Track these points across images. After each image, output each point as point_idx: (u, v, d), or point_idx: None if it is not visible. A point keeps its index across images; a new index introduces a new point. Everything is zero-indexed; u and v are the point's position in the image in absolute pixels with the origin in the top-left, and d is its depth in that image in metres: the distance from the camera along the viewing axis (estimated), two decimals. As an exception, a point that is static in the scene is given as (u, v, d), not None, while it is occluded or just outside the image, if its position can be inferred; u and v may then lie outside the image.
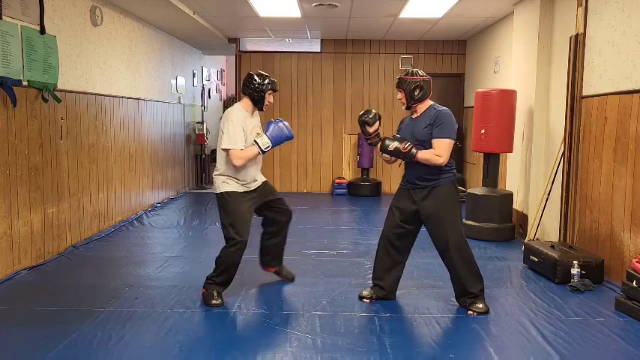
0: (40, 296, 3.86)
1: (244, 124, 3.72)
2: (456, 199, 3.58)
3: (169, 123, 8.21)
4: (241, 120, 3.72)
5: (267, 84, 3.78)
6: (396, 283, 3.82)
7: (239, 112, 3.76)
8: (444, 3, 6.19)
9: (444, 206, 3.52)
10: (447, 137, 3.49)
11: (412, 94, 3.58)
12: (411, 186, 3.62)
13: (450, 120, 3.53)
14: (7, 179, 4.15)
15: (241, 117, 3.74)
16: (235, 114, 3.73)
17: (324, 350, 2.99)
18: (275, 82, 3.88)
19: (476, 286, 3.58)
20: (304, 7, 6.48)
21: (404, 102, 3.65)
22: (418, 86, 3.57)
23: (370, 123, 3.73)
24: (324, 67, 9.11)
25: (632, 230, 3.94)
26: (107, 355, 2.91)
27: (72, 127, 5.15)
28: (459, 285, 3.61)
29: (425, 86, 3.58)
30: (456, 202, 3.58)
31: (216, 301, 3.66)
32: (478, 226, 5.70)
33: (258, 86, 3.77)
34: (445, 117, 3.51)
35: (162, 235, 5.85)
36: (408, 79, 3.59)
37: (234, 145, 3.64)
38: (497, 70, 7.29)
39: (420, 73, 3.62)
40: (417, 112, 3.65)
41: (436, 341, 3.14)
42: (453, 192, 3.57)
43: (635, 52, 3.98)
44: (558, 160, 5.05)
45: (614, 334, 3.25)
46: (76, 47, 5.24)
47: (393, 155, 3.58)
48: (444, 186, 3.53)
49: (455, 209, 3.57)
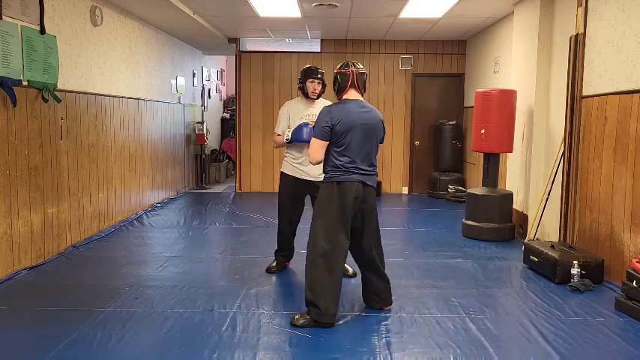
0: (40, 296, 3.86)
1: (292, 113, 4.27)
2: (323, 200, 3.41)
3: (169, 123, 8.21)
4: (288, 109, 4.31)
5: (302, 75, 4.25)
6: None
7: (290, 103, 4.36)
8: (444, 3, 6.18)
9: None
10: (313, 136, 3.40)
11: (333, 88, 3.51)
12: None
13: (318, 118, 3.38)
14: (7, 179, 4.15)
15: (290, 106, 4.32)
16: (286, 104, 4.38)
17: (324, 350, 2.99)
18: (311, 69, 4.25)
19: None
20: (304, 7, 6.48)
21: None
22: (334, 79, 3.46)
23: None
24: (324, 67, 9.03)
25: (632, 230, 3.94)
26: (107, 355, 2.91)
27: (72, 127, 5.15)
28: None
29: (340, 79, 3.43)
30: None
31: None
32: (478, 226, 5.70)
33: (299, 78, 4.28)
34: (318, 116, 3.39)
35: (162, 235, 5.85)
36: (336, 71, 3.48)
37: (275, 130, 4.36)
38: (497, 70, 7.29)
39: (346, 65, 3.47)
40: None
41: (436, 341, 3.14)
42: (324, 193, 3.40)
43: (635, 52, 3.98)
44: (558, 160, 5.05)
45: (614, 334, 3.25)
46: (76, 47, 5.24)
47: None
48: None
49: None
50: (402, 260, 4.88)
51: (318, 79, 4.22)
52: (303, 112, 4.24)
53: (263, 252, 5.02)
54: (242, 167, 9.20)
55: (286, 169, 4.33)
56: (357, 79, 3.42)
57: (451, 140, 8.61)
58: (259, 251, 5.05)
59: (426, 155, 9.18)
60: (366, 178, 3.39)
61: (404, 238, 5.85)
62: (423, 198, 8.75)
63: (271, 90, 9.08)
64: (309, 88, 4.22)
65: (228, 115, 11.97)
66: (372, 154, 3.43)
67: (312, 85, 4.21)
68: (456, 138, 8.61)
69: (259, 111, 9.05)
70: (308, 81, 4.21)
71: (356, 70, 3.42)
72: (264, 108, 9.08)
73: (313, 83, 4.21)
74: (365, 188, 3.40)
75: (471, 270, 4.59)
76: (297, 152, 4.25)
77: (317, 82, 4.22)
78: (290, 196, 4.33)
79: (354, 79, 3.41)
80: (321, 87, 4.26)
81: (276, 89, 9.09)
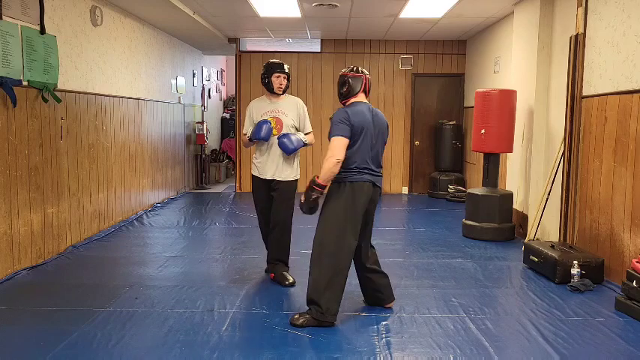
0: (40, 296, 3.86)
1: (253, 111, 4.19)
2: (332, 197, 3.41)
3: (169, 123, 8.21)
4: (250, 107, 4.23)
5: (266, 70, 4.11)
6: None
7: (254, 101, 4.27)
8: (444, 3, 6.18)
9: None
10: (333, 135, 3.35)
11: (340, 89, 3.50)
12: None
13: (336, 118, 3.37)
14: (7, 179, 4.15)
15: (253, 104, 4.23)
16: (251, 103, 4.29)
17: (324, 350, 2.99)
18: (276, 63, 4.11)
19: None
20: (304, 7, 6.48)
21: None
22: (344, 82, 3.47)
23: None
24: (324, 67, 9.11)
25: (632, 230, 3.94)
26: (107, 355, 2.91)
27: (72, 127, 5.15)
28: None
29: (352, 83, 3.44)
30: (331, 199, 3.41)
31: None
32: (478, 226, 5.70)
33: (262, 74, 4.15)
34: (335, 116, 3.39)
35: (162, 235, 5.85)
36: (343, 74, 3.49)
37: (243, 129, 4.29)
38: (497, 70, 7.29)
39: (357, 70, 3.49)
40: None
41: (436, 341, 3.14)
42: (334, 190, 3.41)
43: (635, 52, 3.98)
44: (558, 160, 5.05)
45: (614, 334, 3.25)
46: (76, 47, 5.24)
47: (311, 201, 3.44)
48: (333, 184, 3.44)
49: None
50: (402, 260, 4.89)
51: (285, 74, 4.10)
52: (265, 109, 4.13)
53: (263, 252, 5.00)
54: (242, 167, 9.20)
55: (253, 170, 4.27)
56: (369, 85, 3.52)
57: (451, 140, 8.61)
58: (259, 251, 5.04)
59: (426, 155, 9.18)
60: (376, 179, 3.46)
61: (404, 238, 5.86)
62: (423, 198, 8.75)
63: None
64: (274, 83, 4.08)
65: (228, 115, 11.97)
66: (380, 155, 3.52)
67: (277, 80, 4.07)
68: (456, 138, 8.61)
69: (259, 111, 9.05)
70: (273, 76, 4.07)
71: (367, 76, 3.51)
72: (264, 108, 9.07)
73: (279, 78, 4.07)
74: (374, 188, 3.46)
75: (471, 270, 4.59)
76: (259, 152, 4.18)
77: (283, 76, 4.08)
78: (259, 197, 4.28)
79: (366, 84, 3.48)
80: (286, 82, 4.12)
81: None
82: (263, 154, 4.14)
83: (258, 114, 4.14)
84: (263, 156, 4.14)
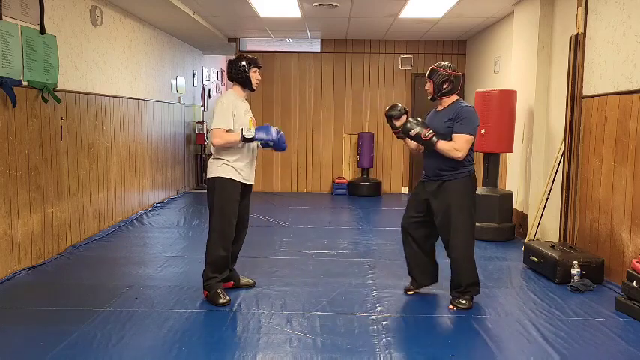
0: (40, 296, 3.86)
1: (235, 107, 3.71)
2: (467, 195, 3.60)
3: (169, 123, 8.21)
4: (231, 102, 3.71)
5: (245, 64, 3.74)
6: (426, 272, 3.92)
7: (230, 96, 3.76)
8: (444, 3, 6.18)
9: (453, 203, 3.57)
10: (467, 133, 3.53)
11: (440, 87, 3.63)
12: (426, 178, 3.73)
13: (472, 116, 3.56)
14: (7, 179, 4.15)
15: (231, 100, 3.73)
16: (226, 97, 3.75)
17: (324, 350, 2.99)
18: (254, 58, 3.83)
19: (467, 282, 3.63)
20: (304, 7, 6.48)
21: (431, 92, 3.71)
22: (447, 79, 3.61)
23: (396, 117, 3.77)
24: (324, 67, 9.11)
25: (632, 230, 3.94)
26: (107, 355, 2.91)
27: (72, 127, 5.15)
28: (453, 278, 3.71)
29: (454, 81, 3.62)
30: (466, 198, 3.60)
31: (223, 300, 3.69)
32: (478, 226, 5.68)
33: (239, 68, 3.74)
34: (468, 113, 3.56)
35: (162, 235, 5.85)
36: (440, 70, 3.62)
37: (217, 125, 3.65)
38: (497, 70, 7.29)
39: (451, 67, 3.65)
40: (442, 105, 3.72)
41: (436, 341, 3.14)
42: (465, 188, 3.60)
43: (635, 52, 3.98)
44: (558, 160, 5.05)
45: (614, 334, 3.25)
46: (76, 47, 5.24)
47: (414, 140, 3.65)
48: (456, 181, 3.58)
49: (463, 207, 3.58)
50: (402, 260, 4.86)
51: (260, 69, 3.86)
52: (243, 108, 3.77)
53: (263, 252, 5.02)
54: (242, 167, 9.19)
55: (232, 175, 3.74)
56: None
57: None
58: (259, 251, 5.04)
59: (426, 155, 9.16)
60: None
61: (404, 238, 5.85)
62: (423, 198, 8.73)
63: (271, 90, 9.08)
64: (253, 78, 3.77)
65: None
66: None
67: (255, 75, 3.78)
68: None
69: (259, 111, 9.04)
70: (252, 70, 3.76)
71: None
72: (263, 108, 9.08)
73: (256, 73, 3.79)
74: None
75: (471, 270, 4.59)
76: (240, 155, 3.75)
77: (259, 71, 3.83)
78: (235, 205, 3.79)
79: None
80: None
81: (276, 89, 9.09)
82: (246, 158, 3.79)
83: (240, 113, 3.74)
84: (246, 159, 3.79)
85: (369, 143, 8.66)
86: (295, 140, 9.09)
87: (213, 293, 3.70)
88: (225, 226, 3.74)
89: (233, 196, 3.73)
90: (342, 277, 4.33)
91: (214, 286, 3.72)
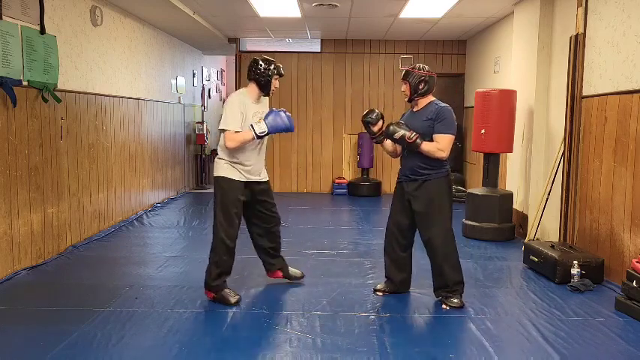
0: (40, 296, 3.86)
1: (244, 109, 3.66)
2: (446, 194, 3.66)
3: (169, 123, 8.21)
4: (241, 103, 3.66)
5: (272, 69, 3.70)
6: (405, 278, 3.92)
7: (241, 96, 3.72)
8: (444, 3, 6.18)
9: (433, 202, 3.62)
10: (449, 133, 3.60)
11: (416, 88, 3.66)
12: (405, 178, 3.74)
13: (452, 116, 3.65)
14: (7, 179, 4.15)
15: (242, 101, 3.68)
16: (236, 97, 3.71)
17: (324, 350, 2.99)
18: (280, 66, 3.81)
19: (453, 280, 3.65)
20: (304, 7, 6.48)
21: (407, 94, 3.72)
22: (423, 80, 3.65)
23: (373, 122, 3.79)
24: (324, 67, 9.11)
25: (632, 230, 3.94)
26: (107, 355, 2.91)
27: (72, 127, 5.15)
28: (437, 278, 3.72)
29: (429, 81, 3.66)
30: (445, 197, 3.65)
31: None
32: (478, 226, 5.70)
33: (264, 71, 3.69)
34: (448, 113, 3.63)
35: (162, 235, 5.85)
36: (415, 72, 3.66)
37: (228, 126, 3.60)
38: (497, 70, 7.29)
39: (426, 68, 3.70)
40: (419, 105, 3.74)
41: (436, 341, 3.14)
42: (444, 187, 3.66)
43: (635, 52, 3.98)
44: (558, 160, 5.05)
45: (614, 334, 3.25)
46: (76, 47, 5.24)
47: (398, 142, 3.66)
48: (435, 180, 3.62)
49: (443, 205, 3.64)
50: (402, 260, 4.88)
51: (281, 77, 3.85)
52: (254, 110, 3.72)
53: (263, 252, 5.02)
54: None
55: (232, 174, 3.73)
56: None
57: (451, 140, 8.59)
58: (259, 251, 5.04)
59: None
60: None
61: (404, 238, 5.85)
62: (423, 198, 8.73)
63: (271, 90, 9.07)
64: (273, 84, 3.75)
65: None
66: None
67: (275, 83, 3.75)
68: (456, 138, 8.56)
69: (259, 111, 9.05)
70: (275, 77, 3.73)
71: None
72: (264, 108, 9.07)
73: (277, 81, 3.77)
74: None
75: (471, 270, 4.58)
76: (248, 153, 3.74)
77: (279, 80, 3.83)
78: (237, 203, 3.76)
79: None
80: None
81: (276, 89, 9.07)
82: (253, 155, 3.75)
83: (249, 115, 3.69)
84: (253, 156, 3.76)
85: (369, 143, 8.65)
86: (295, 140, 9.09)
87: (222, 294, 3.70)
88: (227, 225, 3.72)
89: (233, 195, 3.71)
90: (342, 277, 4.33)
91: (222, 286, 3.74)
